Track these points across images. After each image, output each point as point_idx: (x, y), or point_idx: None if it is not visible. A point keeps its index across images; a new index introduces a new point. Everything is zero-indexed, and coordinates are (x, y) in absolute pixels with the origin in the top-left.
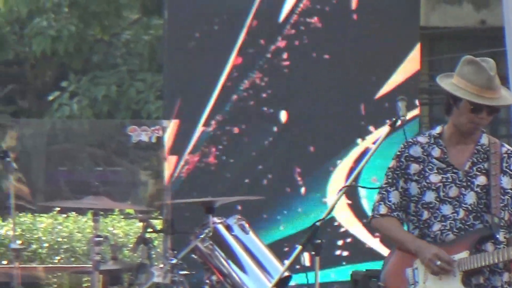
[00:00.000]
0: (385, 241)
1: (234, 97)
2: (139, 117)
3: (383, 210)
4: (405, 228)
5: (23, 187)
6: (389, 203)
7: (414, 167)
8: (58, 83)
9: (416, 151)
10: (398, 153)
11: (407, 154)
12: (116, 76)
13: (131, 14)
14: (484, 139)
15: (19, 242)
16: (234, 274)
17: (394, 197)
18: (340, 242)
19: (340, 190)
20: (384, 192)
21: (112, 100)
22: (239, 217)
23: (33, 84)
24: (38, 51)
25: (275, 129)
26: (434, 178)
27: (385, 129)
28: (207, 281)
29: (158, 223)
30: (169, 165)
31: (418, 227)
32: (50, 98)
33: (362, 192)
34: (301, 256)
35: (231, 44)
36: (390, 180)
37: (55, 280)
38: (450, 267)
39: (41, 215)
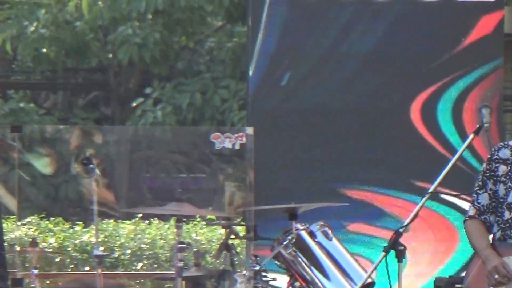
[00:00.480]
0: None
1: None
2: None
3: (471, 212)
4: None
5: (107, 194)
6: (478, 205)
7: (502, 169)
8: (142, 90)
9: (505, 153)
10: (489, 156)
11: (496, 156)
12: (200, 83)
13: (215, 20)
14: None
15: (101, 248)
16: (317, 281)
17: (483, 199)
18: None
19: (424, 196)
20: (474, 194)
21: (196, 109)
22: (322, 223)
23: (117, 91)
24: (125, 59)
25: None
26: None
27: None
28: None
29: (241, 230)
30: (252, 172)
31: (501, 228)
32: (134, 104)
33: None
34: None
35: None
36: (480, 183)
37: (137, 286)
38: (508, 281)
39: (124, 221)
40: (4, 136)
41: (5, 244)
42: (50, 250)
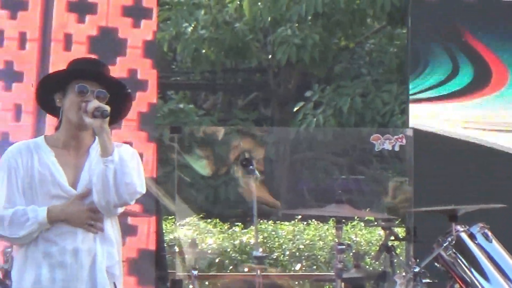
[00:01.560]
0: None
1: None
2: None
3: None
4: None
5: (267, 195)
6: None
7: None
8: (301, 91)
9: None
10: None
11: None
12: (360, 86)
13: (376, 22)
14: None
15: (261, 249)
16: (477, 283)
17: None
18: None
19: None
20: None
21: (357, 112)
22: (482, 225)
23: (276, 92)
24: (283, 60)
25: None
26: None
27: None
28: None
29: (400, 231)
30: (410, 174)
31: None
32: (295, 109)
33: None
34: None
35: None
36: None
37: (296, 287)
38: None
39: (283, 222)
40: (163, 137)
41: (165, 245)
42: (209, 251)
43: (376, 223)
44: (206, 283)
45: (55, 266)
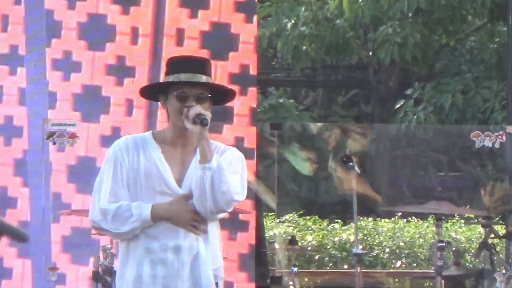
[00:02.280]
0: None
1: None
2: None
3: None
4: None
5: (368, 188)
6: None
7: None
8: (401, 89)
9: None
10: None
11: None
12: (460, 83)
13: (477, 19)
14: None
15: (361, 247)
16: None
17: None
18: None
19: None
20: None
21: (458, 109)
22: None
23: (376, 89)
24: (386, 59)
25: None
26: None
27: None
28: None
29: (500, 229)
30: (510, 171)
31: None
32: (397, 106)
33: None
34: None
35: None
36: None
37: (396, 285)
38: None
39: (383, 219)
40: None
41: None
42: (309, 248)
43: (476, 220)
44: (306, 279)
45: (157, 263)
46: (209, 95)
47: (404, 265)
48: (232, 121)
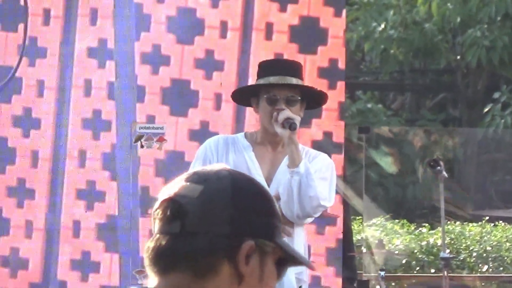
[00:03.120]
0: None
1: None
2: None
3: None
4: None
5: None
6: None
7: None
8: (489, 93)
9: None
10: None
11: None
12: None
13: None
14: None
15: (448, 251)
16: None
17: None
18: None
19: None
20: None
21: None
22: None
23: (464, 93)
24: (473, 62)
25: None
26: None
27: None
28: None
29: None
30: None
31: None
32: (485, 110)
33: None
34: None
35: None
36: None
37: None
38: None
39: (470, 223)
40: (351, 136)
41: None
42: (397, 252)
43: None
44: (393, 284)
45: None
46: (300, 98)
47: (491, 269)
48: (321, 116)
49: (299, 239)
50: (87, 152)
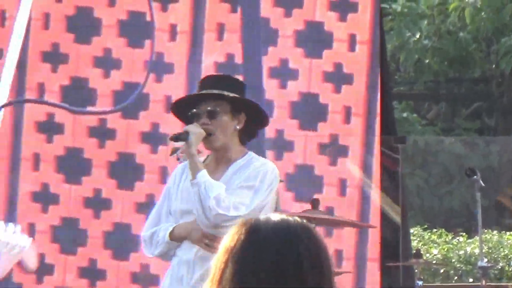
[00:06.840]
0: None
1: None
2: None
3: None
4: None
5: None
6: None
7: None
8: None
9: None
10: None
11: None
12: None
13: None
14: None
15: (486, 260)
16: None
17: None
18: None
19: None
20: None
21: None
22: None
23: (500, 101)
24: (507, 70)
25: None
26: None
27: None
28: None
29: None
30: None
31: None
32: None
33: None
34: None
35: None
36: None
37: None
38: None
39: (507, 232)
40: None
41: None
42: (434, 262)
43: None
44: None
45: (174, 279)
46: (221, 111)
47: None
48: (326, 120)
49: None
50: None
